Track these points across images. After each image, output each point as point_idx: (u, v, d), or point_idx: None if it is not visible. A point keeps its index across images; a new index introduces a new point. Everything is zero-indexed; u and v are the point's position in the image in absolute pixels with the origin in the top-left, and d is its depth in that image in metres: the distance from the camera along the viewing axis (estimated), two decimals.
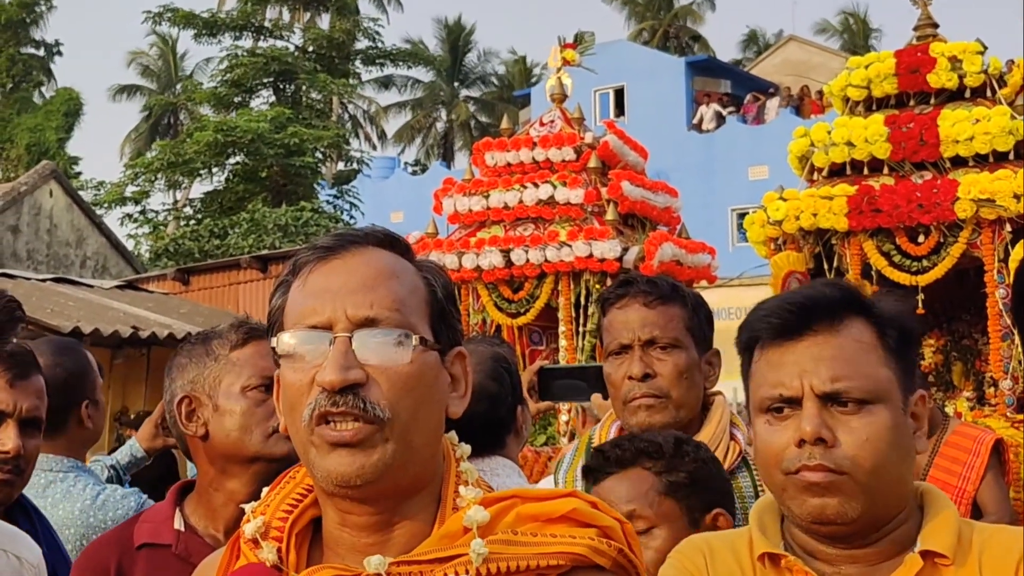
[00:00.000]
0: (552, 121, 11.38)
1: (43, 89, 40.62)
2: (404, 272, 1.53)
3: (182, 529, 2.46)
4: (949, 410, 8.05)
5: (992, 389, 8.79)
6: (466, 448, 1.59)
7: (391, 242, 1.56)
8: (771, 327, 1.82)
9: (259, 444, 2.47)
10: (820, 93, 27.85)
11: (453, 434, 1.59)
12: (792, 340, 1.80)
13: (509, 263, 10.55)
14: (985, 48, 9.38)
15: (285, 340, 1.49)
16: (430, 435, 1.51)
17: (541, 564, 1.43)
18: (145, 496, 3.45)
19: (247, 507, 1.58)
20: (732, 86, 33.83)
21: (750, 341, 1.87)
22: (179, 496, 2.56)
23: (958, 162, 8.88)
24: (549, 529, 1.47)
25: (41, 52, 41.73)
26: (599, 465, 2.52)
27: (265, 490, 1.60)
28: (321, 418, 1.43)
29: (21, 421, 2.71)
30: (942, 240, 8.73)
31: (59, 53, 42.25)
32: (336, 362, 1.43)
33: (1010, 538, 1.75)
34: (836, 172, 9.39)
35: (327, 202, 31.80)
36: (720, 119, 31.67)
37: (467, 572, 1.41)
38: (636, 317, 2.81)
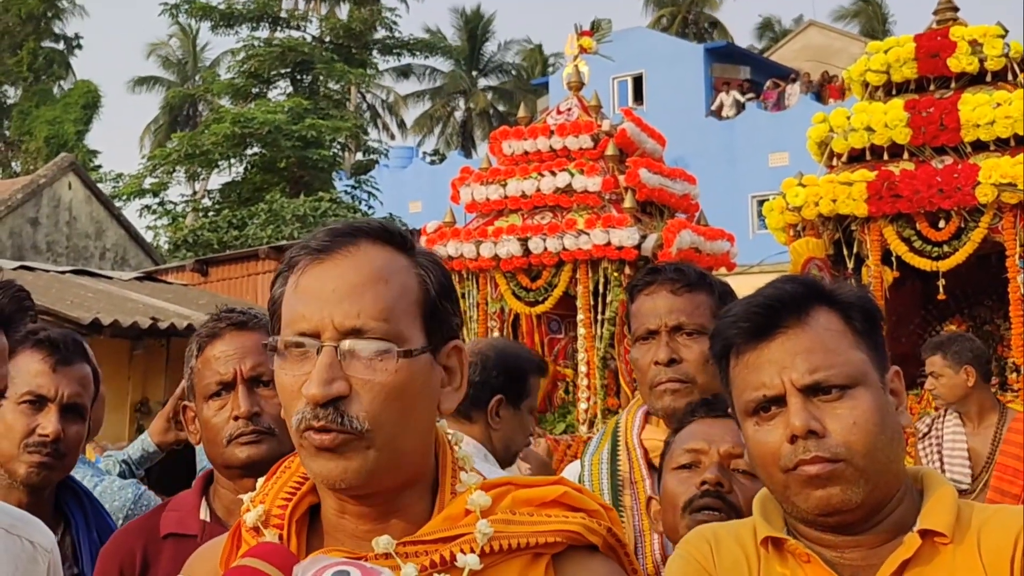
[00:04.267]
0: (569, 109, 11.34)
1: (63, 83, 40.72)
2: (395, 272, 1.53)
3: (208, 520, 2.47)
4: None
5: (1015, 375, 8.73)
6: (460, 435, 1.64)
7: (386, 236, 1.56)
8: (742, 331, 1.85)
9: (220, 452, 2.48)
10: (838, 78, 27.69)
11: (444, 423, 1.62)
12: (765, 340, 1.83)
13: (527, 251, 10.53)
14: (1006, 32, 9.31)
15: (280, 343, 1.53)
16: (419, 437, 1.54)
17: (539, 541, 1.51)
18: (144, 487, 3.46)
19: (245, 497, 1.63)
20: (751, 72, 33.68)
21: (724, 349, 1.90)
22: (206, 484, 2.57)
23: (979, 146, 8.81)
24: (544, 511, 1.54)
25: (61, 46, 41.85)
26: (722, 400, 2.51)
27: (261, 480, 1.64)
28: (306, 429, 1.47)
29: (63, 407, 2.76)
30: (963, 225, 8.67)
31: (79, 47, 42.39)
32: (319, 377, 1.46)
33: (1009, 516, 1.76)
34: (856, 158, 9.34)
35: (345, 192, 31.78)
36: (739, 107, 31.55)
37: (472, 549, 1.48)
38: (663, 303, 2.83)
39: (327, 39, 39.04)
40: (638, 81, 32.39)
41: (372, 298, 1.49)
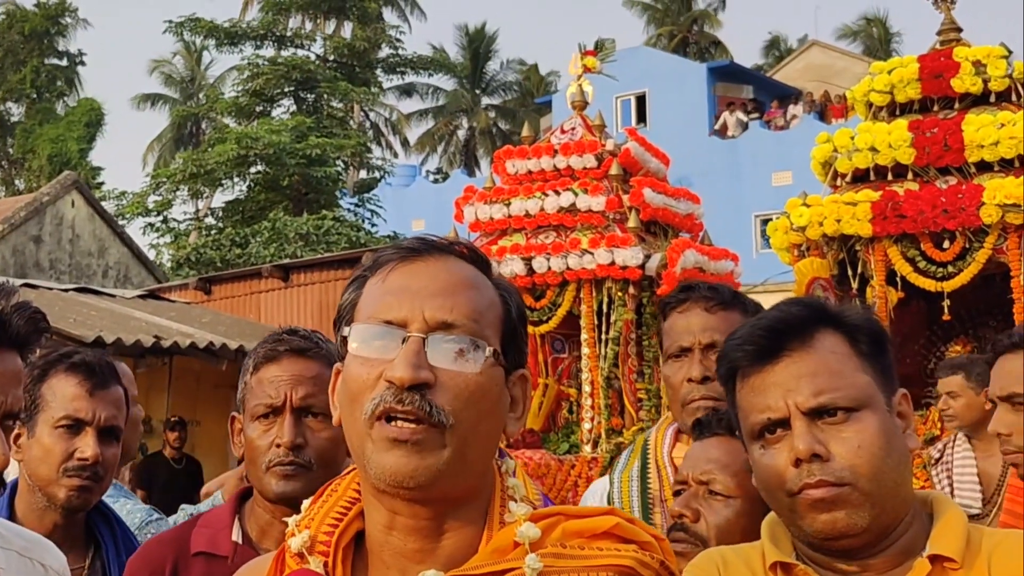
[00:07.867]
0: (573, 128, 11.35)
1: (67, 99, 40.81)
2: (484, 286, 1.55)
3: (239, 541, 2.45)
4: None
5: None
6: (511, 463, 1.60)
7: (473, 256, 1.58)
8: (747, 354, 1.84)
9: (259, 476, 2.45)
10: (841, 97, 27.74)
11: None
12: (770, 363, 1.82)
13: (531, 271, 10.52)
14: (1010, 52, 9.32)
15: (357, 332, 1.50)
16: (486, 449, 1.52)
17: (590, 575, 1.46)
18: (155, 515, 3.46)
19: (290, 520, 1.58)
20: (754, 91, 33.73)
21: (730, 371, 1.89)
22: (239, 502, 2.55)
23: (983, 167, 8.82)
24: (594, 544, 1.50)
25: (65, 63, 41.93)
26: (708, 423, 2.51)
27: (306, 503, 1.60)
28: (384, 414, 1.43)
29: (100, 430, 2.80)
30: (967, 245, 8.67)
31: (82, 63, 42.47)
32: (407, 360, 1.43)
33: (1020, 541, 1.75)
34: (860, 178, 9.34)
35: (348, 211, 31.81)
36: (743, 126, 31.59)
37: None
38: (697, 321, 2.85)
39: (331, 58, 39.13)
40: (641, 100, 32.43)
41: (464, 299, 1.49)
